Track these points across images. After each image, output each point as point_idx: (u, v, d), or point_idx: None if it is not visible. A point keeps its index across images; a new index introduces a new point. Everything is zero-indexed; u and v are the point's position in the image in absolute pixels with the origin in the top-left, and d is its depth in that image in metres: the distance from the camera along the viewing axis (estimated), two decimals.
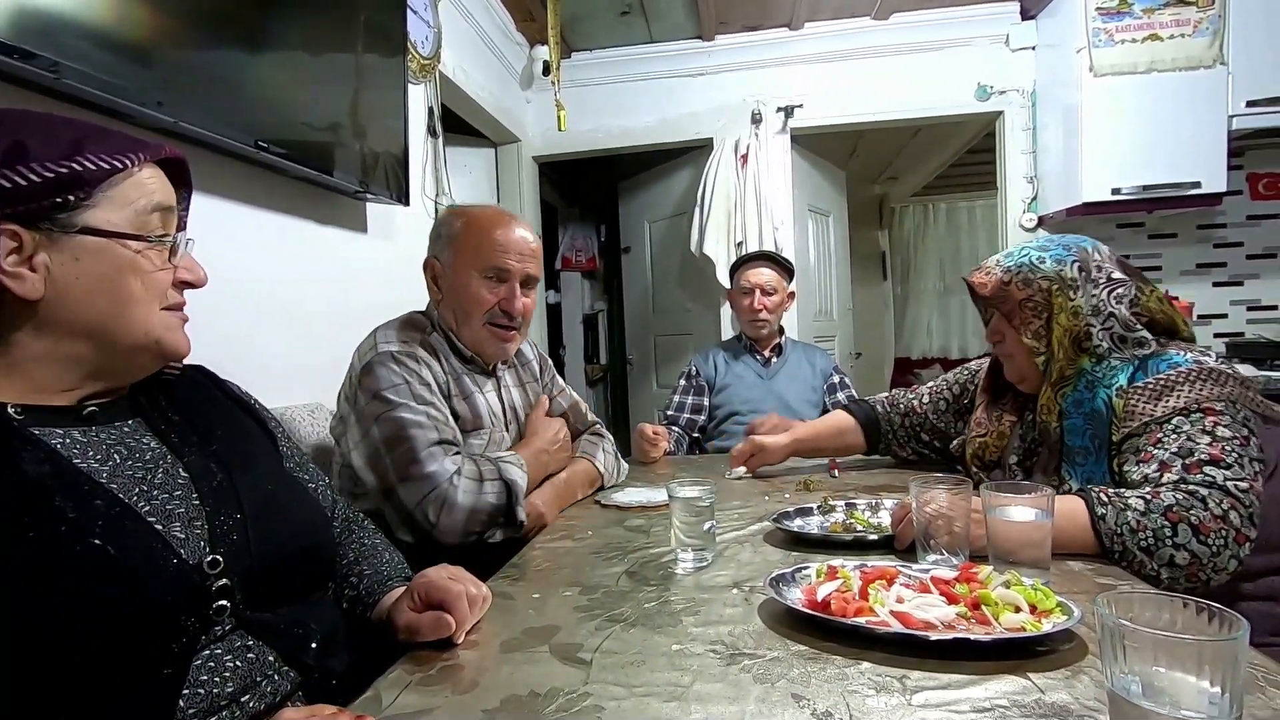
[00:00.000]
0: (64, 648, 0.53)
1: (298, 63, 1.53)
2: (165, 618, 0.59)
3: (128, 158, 0.67)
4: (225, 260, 1.43)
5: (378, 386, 1.17)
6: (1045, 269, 1.14)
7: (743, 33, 3.32)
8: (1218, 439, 0.95)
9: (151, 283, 0.69)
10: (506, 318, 1.32)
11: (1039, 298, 1.13)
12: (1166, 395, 1.01)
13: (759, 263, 2.38)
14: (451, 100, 2.65)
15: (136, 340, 0.68)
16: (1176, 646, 0.47)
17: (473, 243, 1.31)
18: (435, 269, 1.36)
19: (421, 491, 1.11)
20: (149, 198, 0.69)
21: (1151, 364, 1.06)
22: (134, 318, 0.68)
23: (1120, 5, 2.66)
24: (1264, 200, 3.07)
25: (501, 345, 1.35)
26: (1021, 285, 1.15)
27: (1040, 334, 1.14)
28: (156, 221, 0.70)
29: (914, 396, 1.53)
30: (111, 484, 0.62)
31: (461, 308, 1.31)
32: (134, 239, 0.67)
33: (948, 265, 6.03)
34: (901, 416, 1.53)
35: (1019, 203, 3.21)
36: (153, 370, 0.73)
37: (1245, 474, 0.93)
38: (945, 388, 1.49)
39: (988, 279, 1.19)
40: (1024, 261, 1.16)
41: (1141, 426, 1.02)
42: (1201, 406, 0.99)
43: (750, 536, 1.10)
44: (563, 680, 0.65)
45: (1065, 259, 1.14)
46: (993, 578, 0.76)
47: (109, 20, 1.06)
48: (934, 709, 0.58)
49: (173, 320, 0.72)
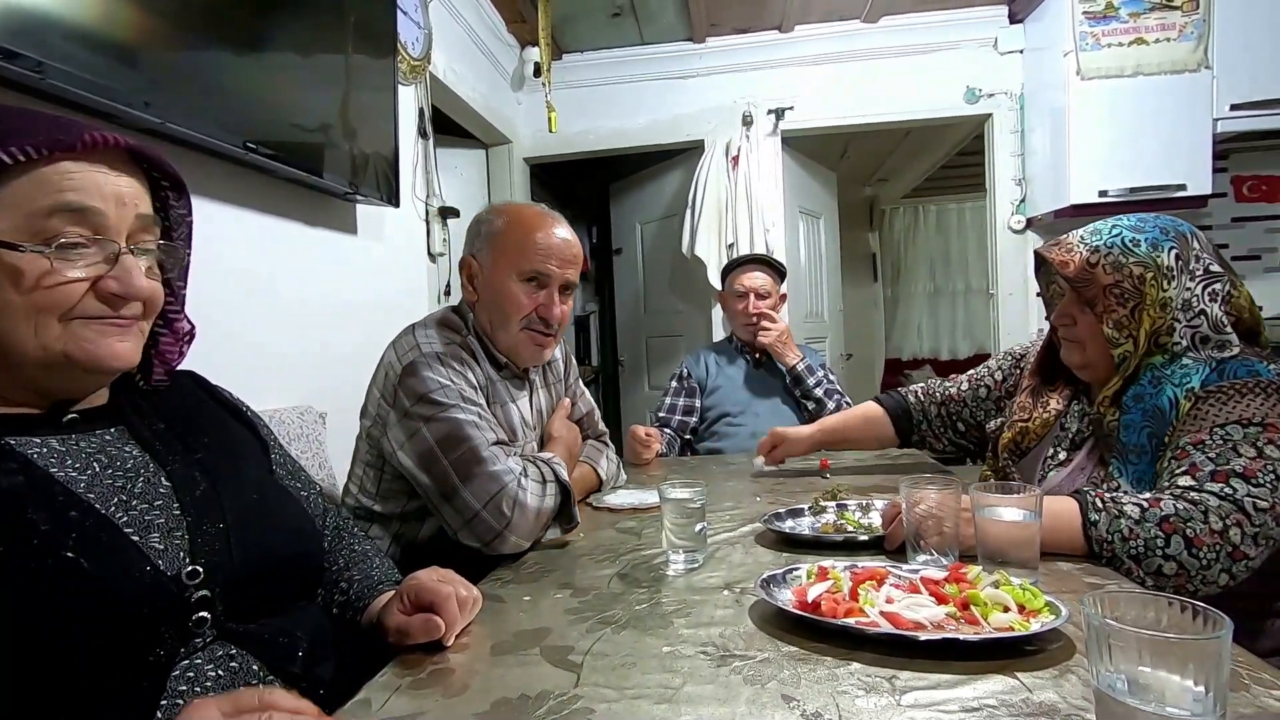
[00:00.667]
0: (36, 662, 0.53)
1: (287, 63, 1.53)
2: (140, 630, 0.58)
3: (17, 150, 0.58)
4: (214, 262, 1.42)
5: (424, 389, 1.12)
6: (1140, 253, 1.03)
7: (733, 35, 3.33)
8: (1263, 456, 0.91)
9: (41, 297, 0.60)
10: (544, 324, 1.28)
11: (1128, 284, 1.03)
12: (1236, 402, 0.95)
13: (752, 266, 2.38)
14: (442, 101, 2.64)
15: (34, 356, 0.61)
16: (1161, 645, 0.47)
17: (514, 244, 1.26)
18: (472, 268, 1.30)
19: (489, 491, 1.06)
20: (54, 196, 0.60)
21: (1229, 368, 0.98)
22: (23, 334, 0.61)
23: (1106, 9, 2.69)
24: (1248, 202, 3.10)
25: (538, 351, 1.31)
26: (1110, 269, 1.04)
27: (1123, 324, 1.03)
28: (61, 225, 0.61)
29: (952, 384, 1.47)
30: (89, 494, 0.61)
31: (500, 311, 1.26)
32: (11, 248, 0.59)
33: (938, 267, 6.07)
34: (938, 406, 1.46)
35: (1008, 204, 3.23)
36: (96, 384, 0.68)
37: (1274, 497, 0.88)
38: (987, 374, 1.42)
39: (1069, 257, 1.07)
40: (1115, 241, 1.05)
41: (1197, 426, 0.96)
42: (1265, 421, 0.93)
43: (742, 538, 1.11)
44: (553, 683, 0.65)
45: (1162, 244, 1.04)
46: (982, 578, 0.77)
47: (95, 20, 1.05)
48: (923, 709, 0.58)
49: (89, 331, 0.63)
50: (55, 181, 0.61)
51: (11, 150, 0.58)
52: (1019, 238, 3.22)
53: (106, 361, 0.65)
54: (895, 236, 6.12)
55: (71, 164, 0.62)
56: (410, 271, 2.34)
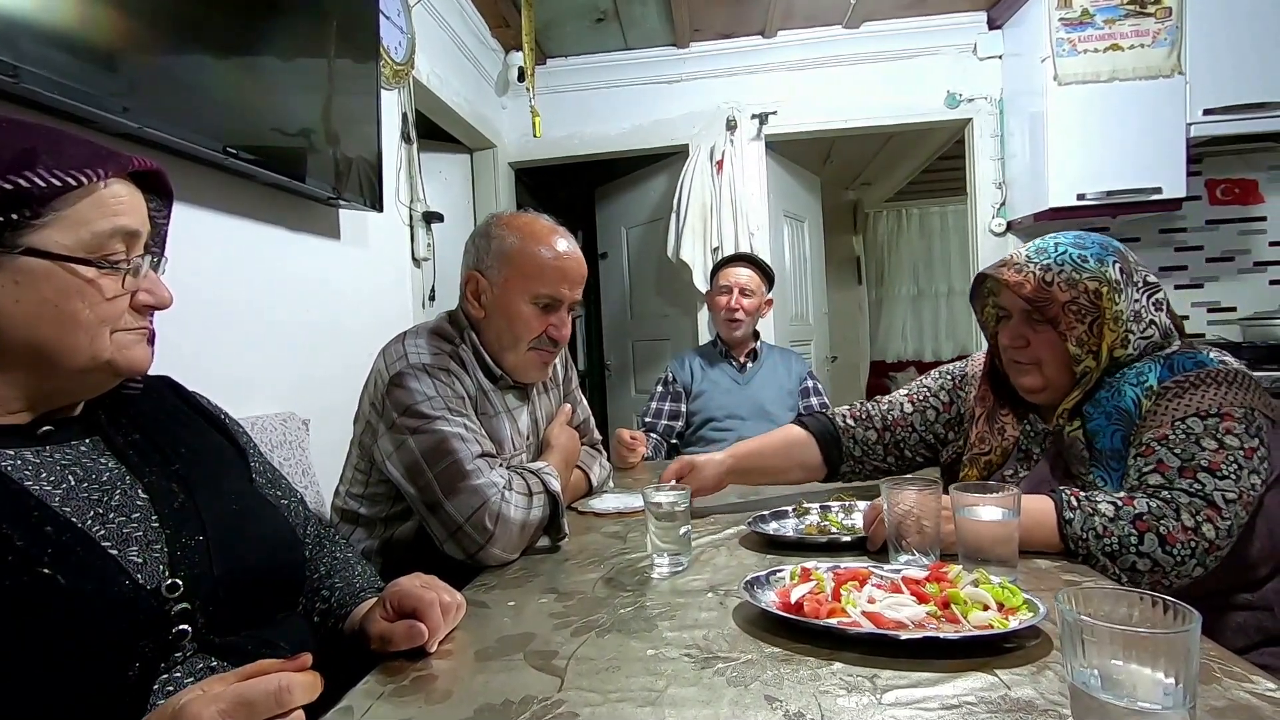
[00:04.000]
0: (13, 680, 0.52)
1: (268, 68, 1.52)
2: (119, 644, 0.57)
3: (86, 174, 0.62)
4: (194, 268, 1.41)
5: (411, 400, 1.12)
6: (1090, 269, 1.04)
7: (717, 40, 3.35)
8: (1224, 447, 0.93)
9: (103, 310, 0.64)
10: (552, 344, 1.28)
11: (1084, 299, 1.03)
12: (1191, 394, 0.97)
13: (739, 263, 2.39)
14: (426, 106, 2.64)
15: (83, 365, 0.64)
16: (1132, 639, 0.48)
17: (529, 266, 1.23)
18: (479, 285, 1.26)
19: (472, 505, 1.05)
20: (111, 220, 0.64)
21: (1176, 361, 1.01)
22: (79, 345, 0.63)
23: (1082, 16, 2.74)
24: (1221, 205, 3.17)
25: (543, 369, 1.31)
26: (1066, 285, 1.04)
27: (1084, 340, 1.04)
28: (117, 245, 0.65)
29: (889, 407, 1.33)
30: (65, 507, 0.60)
31: (510, 332, 1.24)
32: (85, 264, 0.62)
33: (921, 269, 6.13)
34: (878, 431, 1.32)
35: (988, 208, 3.28)
36: (110, 387, 0.70)
37: (1240, 486, 0.91)
38: (929, 395, 1.31)
39: (1022, 277, 1.06)
40: (1064, 259, 1.05)
41: (1158, 421, 0.98)
42: (1221, 411, 0.95)
43: (726, 540, 1.11)
44: (537, 688, 0.65)
45: (1106, 258, 1.05)
46: (962, 576, 0.78)
47: (72, 23, 1.04)
48: (904, 707, 0.58)
49: (129, 339, 0.67)
50: (110, 204, 0.65)
51: (90, 172, 0.62)
52: (1000, 240, 3.26)
53: (141, 364, 0.69)
54: (879, 240, 6.18)
55: (120, 186, 0.66)
56: (394, 277, 2.33)
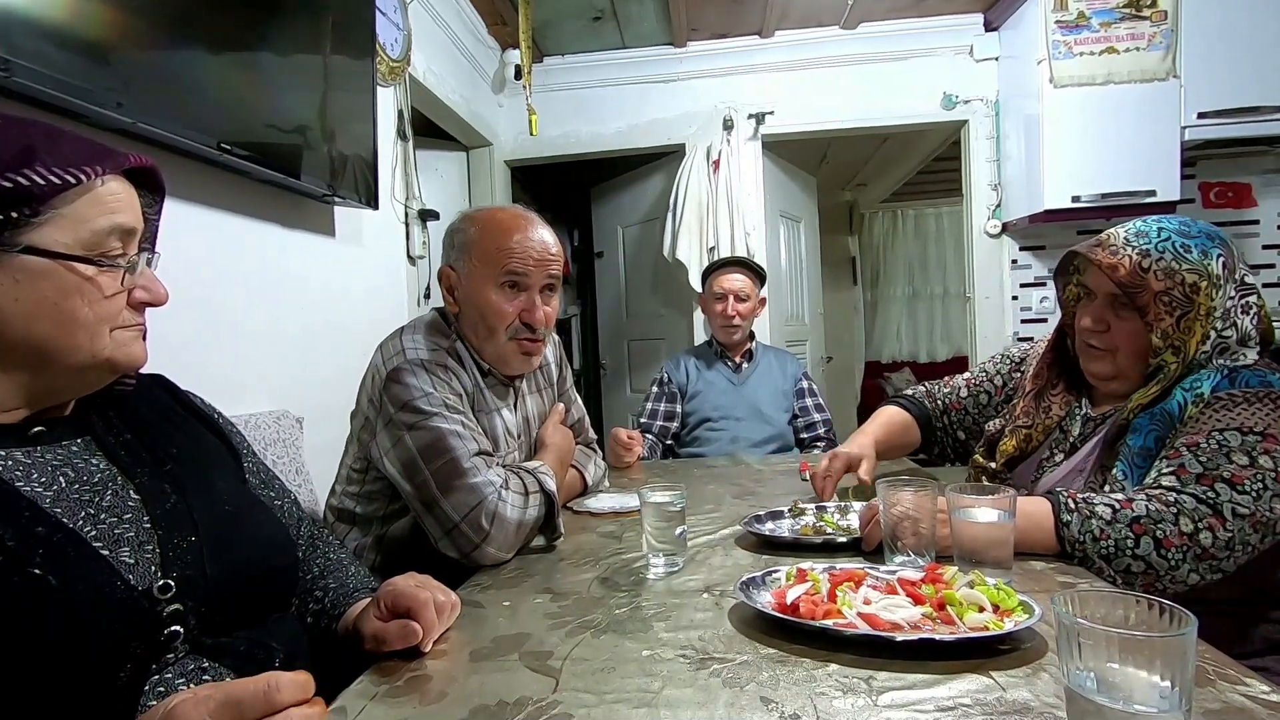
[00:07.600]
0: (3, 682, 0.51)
1: (263, 64, 1.51)
2: (111, 645, 0.56)
3: (84, 171, 0.61)
4: (188, 265, 1.40)
5: (408, 396, 1.11)
6: (1193, 260, 0.98)
7: (714, 40, 3.35)
8: (1255, 465, 0.89)
9: (103, 308, 0.64)
10: (529, 330, 1.24)
11: (1178, 292, 0.98)
12: (1242, 409, 0.93)
13: (732, 268, 2.39)
14: (422, 103, 2.63)
15: (83, 363, 0.64)
16: (1128, 643, 0.48)
17: (489, 251, 1.21)
18: (450, 279, 1.26)
19: (468, 504, 1.05)
20: (109, 217, 0.64)
21: (1242, 377, 0.96)
22: (79, 343, 0.63)
23: (1078, 19, 2.74)
24: (1215, 208, 3.18)
25: (526, 359, 1.27)
26: (1162, 275, 0.98)
27: (1168, 333, 0.99)
28: (115, 243, 0.64)
29: (949, 391, 1.40)
30: (56, 508, 0.59)
31: (484, 323, 1.22)
32: (85, 262, 0.62)
33: (916, 270, 6.15)
34: (941, 414, 1.40)
35: (984, 209, 3.28)
36: (106, 384, 0.70)
37: (1257, 505, 0.88)
38: (986, 379, 1.37)
39: (1118, 260, 1.00)
40: (1166, 246, 0.99)
41: (1196, 429, 0.94)
42: (1265, 431, 0.91)
43: (722, 541, 1.11)
44: (532, 689, 0.65)
45: (1210, 250, 0.99)
46: (958, 578, 0.77)
47: (65, 17, 1.03)
48: (899, 709, 0.58)
49: (127, 336, 0.67)
50: (108, 202, 0.64)
51: (88, 170, 0.62)
52: (995, 242, 3.27)
53: (138, 360, 0.69)
54: (874, 240, 6.19)
55: (116, 184, 0.65)
56: (389, 274, 2.32)
